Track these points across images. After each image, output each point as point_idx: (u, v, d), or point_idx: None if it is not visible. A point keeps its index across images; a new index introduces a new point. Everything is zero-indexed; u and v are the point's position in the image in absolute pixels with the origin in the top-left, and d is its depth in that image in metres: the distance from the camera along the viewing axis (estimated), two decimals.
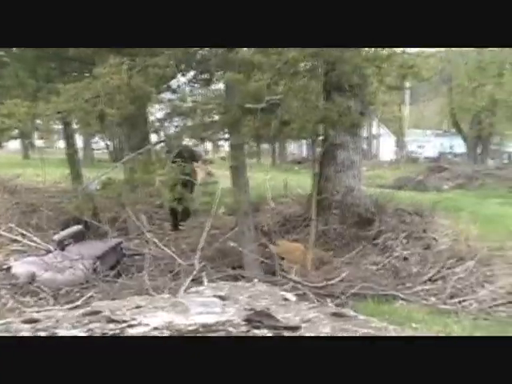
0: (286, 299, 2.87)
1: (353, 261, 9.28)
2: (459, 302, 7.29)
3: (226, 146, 10.63)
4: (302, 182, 14.41)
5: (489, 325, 6.25)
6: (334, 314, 2.47)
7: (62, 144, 21.03)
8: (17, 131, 10.13)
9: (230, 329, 2.19)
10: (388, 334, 2.18)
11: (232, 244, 9.37)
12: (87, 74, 9.12)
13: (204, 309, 2.45)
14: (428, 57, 12.92)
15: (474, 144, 36.15)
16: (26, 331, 2.05)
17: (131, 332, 2.10)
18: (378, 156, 47.83)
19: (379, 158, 45.64)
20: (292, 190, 14.23)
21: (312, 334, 2.14)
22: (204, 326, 2.21)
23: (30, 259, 8.30)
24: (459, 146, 41.88)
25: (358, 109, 10.42)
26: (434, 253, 9.04)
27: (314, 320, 2.35)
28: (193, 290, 3.21)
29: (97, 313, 2.37)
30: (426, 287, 8.00)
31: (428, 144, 49.01)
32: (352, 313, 2.58)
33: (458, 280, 7.98)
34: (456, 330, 5.61)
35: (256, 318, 2.29)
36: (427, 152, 45.70)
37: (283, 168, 29.45)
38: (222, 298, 2.69)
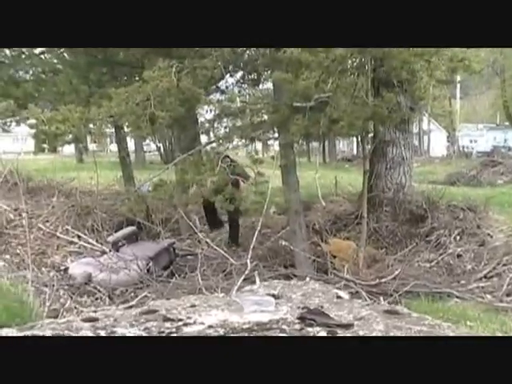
0: (338, 297, 2.88)
1: (405, 258, 9.18)
2: None
3: (275, 146, 10.64)
4: (353, 179, 14.33)
5: None
6: (387, 312, 2.47)
7: (114, 147, 21.41)
8: (71, 136, 10.34)
9: (284, 327, 2.21)
10: (442, 332, 2.16)
11: (284, 243, 9.39)
12: (137, 78, 9.27)
13: (258, 307, 2.47)
14: (478, 49, 12.67)
15: None
16: (86, 330, 2.12)
17: (186, 330, 2.15)
18: (429, 152, 47.09)
19: (430, 154, 44.94)
20: (342, 188, 14.16)
21: (365, 332, 2.14)
22: (258, 324, 2.23)
23: (85, 260, 8.50)
24: None
25: (408, 104, 10.31)
26: (488, 249, 8.87)
27: (367, 317, 2.35)
28: (246, 288, 3.24)
29: (153, 312, 2.42)
30: (482, 284, 7.86)
31: (480, 138, 47.90)
32: (405, 310, 2.57)
33: None
34: None
35: (309, 315, 2.31)
36: (480, 146, 44.67)
37: (333, 166, 29.33)
38: (275, 296, 2.72)
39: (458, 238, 9.48)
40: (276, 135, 9.28)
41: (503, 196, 12.31)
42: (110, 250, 8.82)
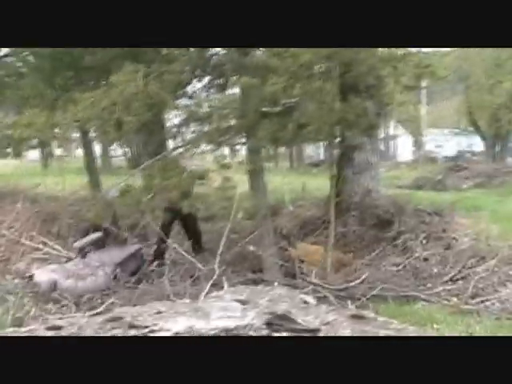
0: (305, 302, 2.88)
1: (373, 262, 9.24)
2: (481, 302, 7.23)
3: (243, 150, 10.64)
4: (320, 184, 14.38)
5: None
6: (354, 317, 2.48)
7: (80, 152, 21.20)
8: (36, 141, 10.19)
9: (251, 332, 2.20)
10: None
11: (251, 248, 9.38)
12: (104, 83, 9.19)
13: (224, 313, 2.46)
14: (444, 55, 12.84)
15: (492, 142, 35.79)
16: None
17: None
18: (396, 157, 47.56)
19: (397, 159, 45.39)
20: (310, 192, 14.21)
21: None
22: (225, 329, 2.22)
23: (51, 267, 8.38)
24: (478, 144, 41.53)
25: (375, 110, 10.38)
26: (454, 253, 8.97)
27: (333, 323, 2.36)
28: (213, 294, 3.23)
29: (119, 319, 2.39)
30: (448, 287, 7.94)
31: (446, 143, 48.54)
32: (372, 315, 2.58)
33: (480, 280, 7.92)
34: (478, 331, 5.57)
35: (276, 321, 2.31)
36: (445, 151, 45.27)
37: (301, 171, 29.42)
38: (242, 302, 2.70)
39: (425, 241, 9.58)
40: (243, 140, 9.27)
41: (468, 200, 12.49)
42: (76, 257, 8.72)
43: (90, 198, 12.18)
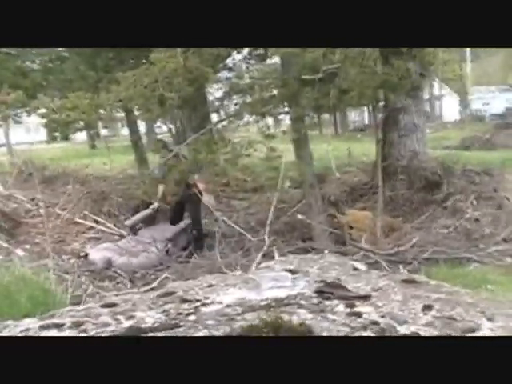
0: (356, 269, 2.88)
1: (423, 225, 9.12)
2: None
3: (286, 120, 10.62)
4: (366, 149, 14.25)
5: None
6: (405, 281, 2.47)
7: (125, 131, 21.44)
8: (82, 123, 10.33)
9: (302, 301, 2.21)
10: (460, 299, 2.15)
11: (300, 216, 9.38)
12: (144, 61, 9.25)
13: (275, 283, 2.48)
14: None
15: None
16: (105, 315, 2.14)
17: (205, 310, 2.16)
18: (442, 117, 46.69)
19: (443, 119, 44.57)
20: (356, 158, 14.11)
21: (384, 303, 2.14)
22: (276, 300, 2.24)
23: (105, 245, 8.55)
24: None
25: (418, 70, 10.18)
26: (506, 212, 8.78)
27: (384, 288, 2.35)
28: (263, 265, 3.25)
29: (171, 294, 2.44)
30: (500, 248, 7.79)
31: (493, 101, 47.31)
32: (423, 278, 2.57)
33: None
34: None
35: (327, 289, 2.31)
36: (493, 109, 44.16)
37: (345, 137, 29.19)
38: (292, 271, 2.72)
39: (475, 202, 9.39)
40: (286, 109, 9.22)
41: None
42: (128, 234, 8.88)
43: (138, 175, 12.39)
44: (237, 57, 12.52)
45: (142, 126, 21.11)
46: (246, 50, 12.18)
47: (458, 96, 47.22)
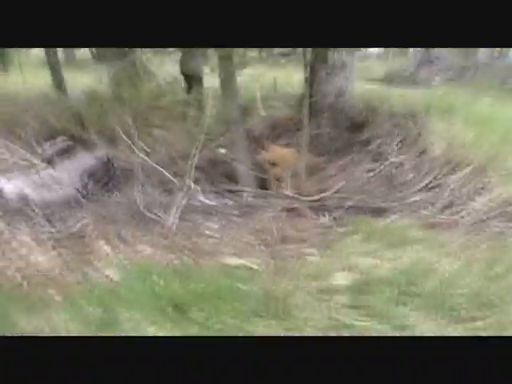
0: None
1: (346, 168, 9.06)
2: (456, 213, 7.10)
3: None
4: (291, 77, 13.94)
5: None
6: None
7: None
8: None
9: None
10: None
11: (223, 151, 9.16)
12: None
13: None
14: None
15: None
16: None
17: None
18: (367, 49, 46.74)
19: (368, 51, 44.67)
20: (281, 89, 13.86)
21: None
22: None
23: (18, 177, 7.96)
24: None
25: None
26: (429, 158, 8.73)
27: None
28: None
29: None
30: (417, 198, 7.76)
31: None
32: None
33: (453, 189, 7.74)
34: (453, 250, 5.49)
35: None
36: None
37: (270, 62, 28.80)
38: None
39: (400, 145, 9.33)
40: None
41: (441, 101, 12.16)
42: (44, 166, 8.35)
43: (55, 100, 11.58)
44: None
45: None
46: None
47: None
